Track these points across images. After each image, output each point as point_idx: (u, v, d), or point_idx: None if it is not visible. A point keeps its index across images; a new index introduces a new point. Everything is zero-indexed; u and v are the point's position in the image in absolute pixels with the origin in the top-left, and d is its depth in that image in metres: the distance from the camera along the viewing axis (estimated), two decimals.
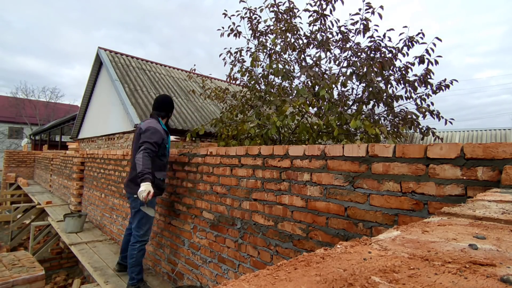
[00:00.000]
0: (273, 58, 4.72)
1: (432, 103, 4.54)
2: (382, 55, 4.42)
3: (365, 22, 4.45)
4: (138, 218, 2.86)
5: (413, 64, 4.45)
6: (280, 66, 4.35)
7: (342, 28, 4.69)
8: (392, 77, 4.57)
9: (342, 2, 4.57)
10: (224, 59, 5.41)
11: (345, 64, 4.66)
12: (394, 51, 4.45)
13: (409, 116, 4.12)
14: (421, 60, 4.33)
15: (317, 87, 4.28)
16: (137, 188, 2.66)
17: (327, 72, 4.63)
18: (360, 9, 4.37)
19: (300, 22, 5.74)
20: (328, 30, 4.73)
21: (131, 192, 2.87)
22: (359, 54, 4.59)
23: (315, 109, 4.73)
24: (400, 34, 4.41)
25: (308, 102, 3.83)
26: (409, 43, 4.40)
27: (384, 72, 4.28)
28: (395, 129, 4.44)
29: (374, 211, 1.53)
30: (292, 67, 4.89)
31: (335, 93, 4.74)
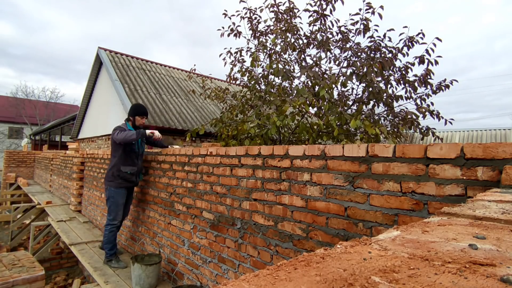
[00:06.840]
0: (273, 58, 4.72)
1: (432, 103, 4.55)
2: (382, 55, 4.42)
3: (365, 22, 4.45)
4: (108, 205, 3.53)
5: (413, 64, 4.45)
6: (280, 66, 4.35)
7: (342, 28, 4.70)
8: (392, 77, 4.57)
9: (342, 2, 4.57)
10: (224, 59, 5.41)
11: (345, 64, 4.66)
12: (394, 51, 4.45)
13: (409, 116, 4.12)
14: (421, 60, 4.33)
15: (317, 87, 4.27)
16: (111, 183, 3.47)
17: (327, 72, 4.62)
18: (360, 9, 4.37)
19: (300, 22, 5.74)
20: (328, 30, 4.73)
21: (107, 184, 3.53)
22: (359, 54, 4.59)
23: (315, 109, 4.73)
24: (400, 34, 4.42)
25: (308, 102, 3.83)
26: (409, 43, 4.40)
27: (384, 72, 4.28)
28: (395, 129, 4.44)
29: (374, 211, 1.53)
30: (292, 67, 4.89)
31: (335, 93, 4.74)
